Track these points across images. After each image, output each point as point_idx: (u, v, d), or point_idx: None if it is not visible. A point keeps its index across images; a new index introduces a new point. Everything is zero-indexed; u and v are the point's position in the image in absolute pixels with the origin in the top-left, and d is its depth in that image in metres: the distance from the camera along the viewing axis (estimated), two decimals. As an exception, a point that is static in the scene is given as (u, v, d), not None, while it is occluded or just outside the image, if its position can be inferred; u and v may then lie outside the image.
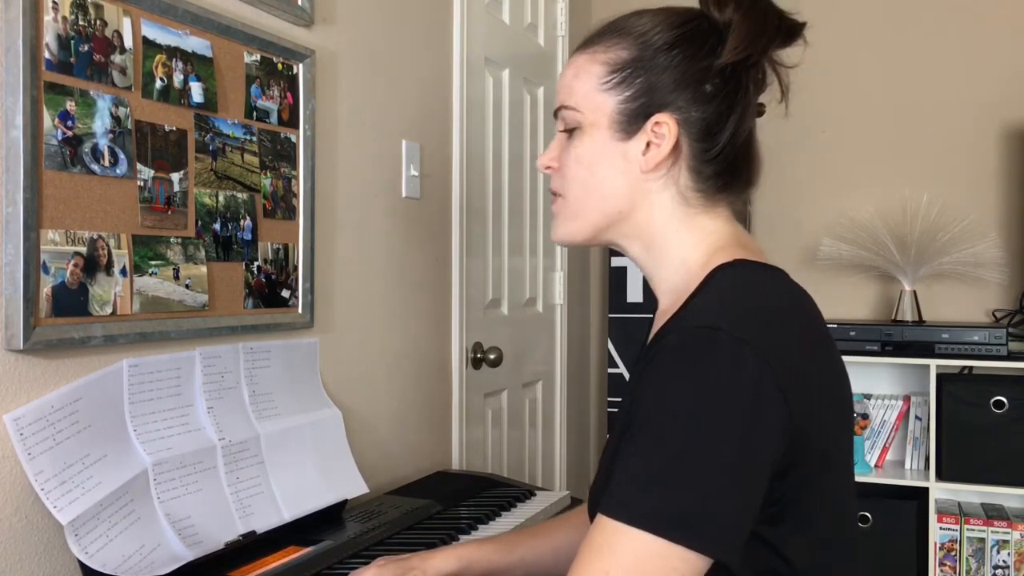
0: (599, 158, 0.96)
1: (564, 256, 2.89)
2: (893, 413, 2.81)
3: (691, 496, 0.76)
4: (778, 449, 0.81)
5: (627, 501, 0.78)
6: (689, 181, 0.95)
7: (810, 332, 0.91)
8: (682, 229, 0.96)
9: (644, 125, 0.94)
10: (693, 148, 0.94)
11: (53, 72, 1.14)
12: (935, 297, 2.88)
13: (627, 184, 0.95)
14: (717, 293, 0.88)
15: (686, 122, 0.93)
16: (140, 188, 1.27)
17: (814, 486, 0.86)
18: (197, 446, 1.31)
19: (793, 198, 3.04)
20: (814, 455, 0.84)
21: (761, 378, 0.79)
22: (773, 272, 0.94)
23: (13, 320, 1.09)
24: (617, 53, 0.95)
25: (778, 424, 0.80)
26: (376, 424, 1.87)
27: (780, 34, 0.93)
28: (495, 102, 2.42)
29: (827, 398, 0.89)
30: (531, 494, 1.80)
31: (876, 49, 2.97)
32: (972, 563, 2.62)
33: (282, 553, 1.32)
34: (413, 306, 2.02)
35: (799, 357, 0.85)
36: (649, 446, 0.79)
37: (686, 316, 0.86)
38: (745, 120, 0.94)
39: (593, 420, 3.35)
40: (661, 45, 0.93)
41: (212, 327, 1.39)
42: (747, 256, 0.94)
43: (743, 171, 0.97)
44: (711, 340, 0.80)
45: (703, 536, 0.76)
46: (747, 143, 0.96)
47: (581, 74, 0.97)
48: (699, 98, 0.93)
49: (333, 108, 1.72)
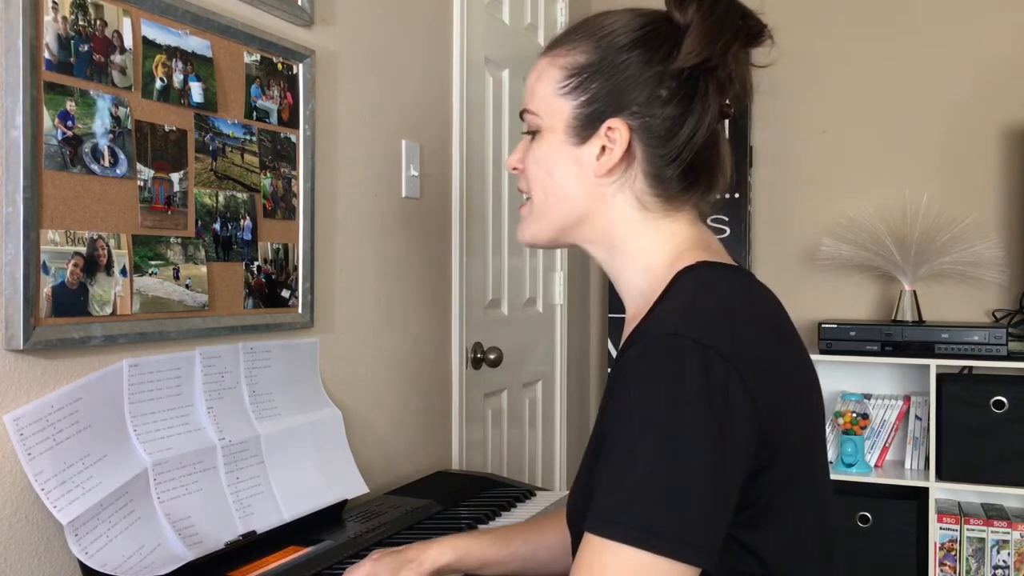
0: (556, 162, 0.96)
1: (564, 256, 2.89)
2: (893, 413, 2.81)
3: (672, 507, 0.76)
4: (750, 451, 0.81)
5: (610, 517, 0.78)
6: (645, 186, 0.95)
7: (775, 332, 0.91)
8: (643, 233, 0.96)
9: (598, 130, 0.94)
10: (648, 153, 0.93)
11: (53, 72, 1.14)
12: (935, 297, 2.88)
13: (583, 188, 0.96)
14: (680, 298, 0.88)
15: (641, 127, 0.93)
16: (140, 188, 1.27)
17: (788, 486, 0.86)
18: (197, 446, 1.31)
19: (793, 198, 3.04)
20: (786, 455, 0.85)
21: (728, 382, 0.79)
22: (735, 273, 0.94)
23: (13, 320, 1.09)
24: (575, 57, 0.95)
25: (748, 426, 0.80)
26: (376, 424, 1.87)
27: (741, 36, 0.92)
28: (495, 102, 2.42)
29: (796, 398, 0.89)
30: (531, 494, 1.80)
31: (876, 49, 2.97)
32: (972, 563, 2.62)
33: (282, 553, 1.32)
34: (413, 306, 2.02)
35: (765, 358, 0.85)
36: (625, 460, 0.79)
37: (650, 324, 0.86)
38: (703, 123, 0.93)
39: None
40: (620, 47, 0.93)
41: (212, 327, 1.39)
42: (710, 258, 0.93)
43: (704, 174, 0.96)
44: (676, 348, 0.80)
45: (690, 546, 0.76)
46: (709, 146, 0.95)
47: (543, 77, 0.98)
48: (654, 101, 0.92)
49: (333, 108, 1.72)
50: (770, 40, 0.94)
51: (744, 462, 0.80)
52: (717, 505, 0.78)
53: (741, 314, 0.88)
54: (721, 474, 0.78)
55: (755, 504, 0.83)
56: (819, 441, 0.93)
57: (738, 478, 0.80)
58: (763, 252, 3.07)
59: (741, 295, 0.91)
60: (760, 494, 0.83)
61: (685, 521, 0.76)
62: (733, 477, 0.80)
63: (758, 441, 0.81)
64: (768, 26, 0.93)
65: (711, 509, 0.78)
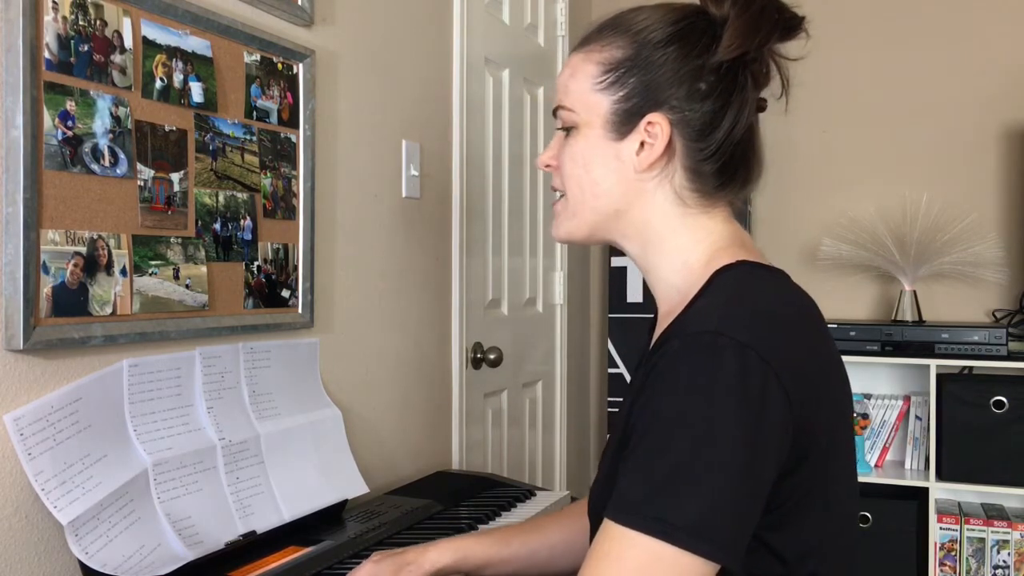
0: (594, 157, 0.95)
1: (564, 256, 2.89)
2: (893, 413, 2.81)
3: (699, 502, 0.76)
4: (783, 453, 0.81)
5: (635, 507, 0.78)
6: (684, 181, 0.94)
7: (813, 335, 0.91)
8: (680, 229, 0.95)
9: (638, 125, 0.93)
10: (688, 147, 0.93)
11: (53, 72, 1.14)
12: (935, 297, 2.88)
13: (622, 184, 0.95)
14: (720, 296, 0.88)
15: (680, 121, 0.92)
16: (140, 188, 1.27)
17: (816, 489, 0.85)
18: (197, 446, 1.31)
19: (793, 198, 3.04)
20: (816, 458, 0.84)
21: (766, 383, 0.79)
22: (775, 274, 0.93)
23: (13, 320, 1.09)
24: (612, 52, 0.95)
25: (783, 428, 0.80)
26: (376, 424, 1.87)
27: (778, 29, 0.92)
28: (495, 102, 2.42)
29: (829, 401, 0.88)
30: (531, 494, 1.80)
31: (876, 49, 2.97)
32: (972, 563, 2.62)
33: (282, 553, 1.32)
34: (413, 306, 2.02)
35: (802, 360, 0.84)
36: (656, 451, 0.79)
37: (689, 320, 0.86)
38: (742, 117, 0.93)
39: (593, 420, 3.35)
40: (656, 42, 0.93)
41: (212, 327, 1.39)
42: (748, 257, 0.93)
43: (741, 169, 0.96)
44: (715, 345, 0.79)
45: (712, 543, 0.76)
46: (746, 140, 0.95)
47: (577, 74, 0.97)
48: (693, 96, 0.92)
49: (333, 108, 1.72)
50: (805, 33, 0.93)
51: (775, 464, 0.80)
52: (745, 504, 0.78)
53: (781, 316, 0.87)
54: (751, 474, 0.78)
55: (782, 505, 0.83)
56: (849, 445, 0.93)
57: (768, 479, 0.80)
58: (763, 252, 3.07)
59: (780, 296, 0.91)
60: (788, 496, 0.83)
61: (710, 517, 0.76)
62: (763, 478, 0.79)
63: (791, 443, 0.81)
64: (804, 18, 0.93)
65: (739, 508, 0.77)
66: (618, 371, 2.97)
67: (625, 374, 2.95)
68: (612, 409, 2.99)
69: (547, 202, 2.78)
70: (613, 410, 2.99)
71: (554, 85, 2.81)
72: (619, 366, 2.96)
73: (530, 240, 2.66)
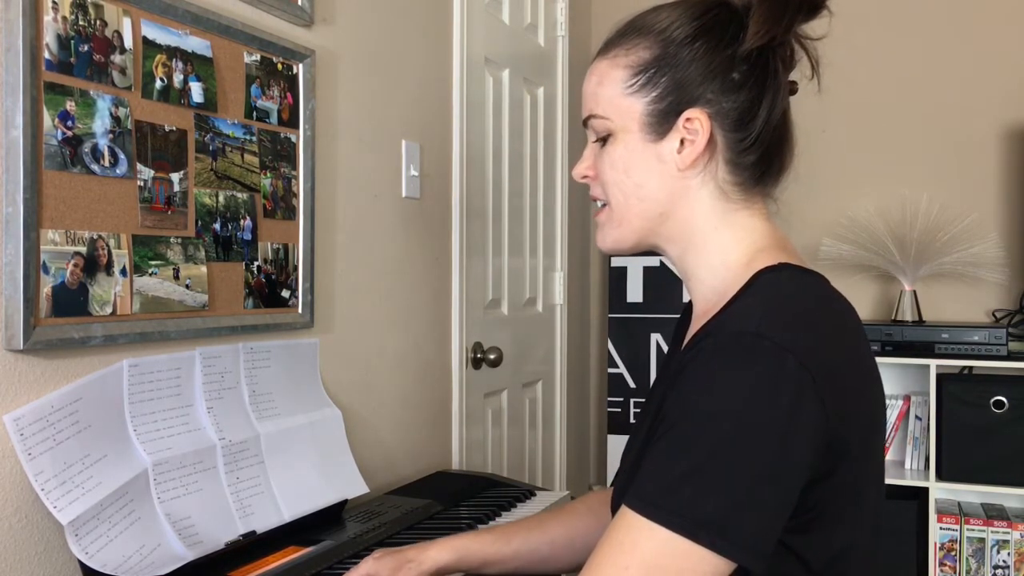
0: (634, 161, 0.94)
1: (564, 256, 2.89)
2: (893, 413, 2.81)
3: (722, 499, 0.76)
4: (814, 458, 0.80)
5: (655, 498, 0.77)
6: (727, 174, 0.93)
7: (852, 342, 0.90)
8: (721, 227, 0.94)
9: (676, 123, 0.92)
10: (728, 139, 0.92)
11: (53, 72, 1.14)
12: (935, 297, 2.88)
13: (665, 184, 0.94)
14: (761, 298, 0.87)
15: (718, 114, 0.91)
16: (140, 188, 1.27)
17: (845, 496, 0.85)
18: (197, 446, 1.31)
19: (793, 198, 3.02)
20: (849, 466, 0.84)
21: (802, 388, 0.78)
22: (815, 278, 0.92)
23: (13, 320, 1.09)
24: (639, 54, 0.94)
25: (816, 434, 0.79)
26: (376, 424, 1.87)
27: (802, 9, 0.91)
28: (495, 102, 2.42)
29: (865, 409, 0.87)
30: (531, 494, 1.80)
31: (876, 48, 2.97)
32: (972, 563, 2.62)
33: (282, 553, 1.32)
34: (413, 306, 2.02)
35: (840, 367, 0.84)
36: (683, 445, 0.78)
37: (728, 319, 0.85)
38: (777, 103, 0.93)
39: (593, 420, 3.35)
40: (683, 39, 0.92)
41: (212, 327, 1.39)
42: (789, 259, 0.92)
43: (777, 158, 0.95)
44: (755, 347, 0.79)
45: (730, 541, 0.75)
46: (781, 125, 0.95)
47: (605, 81, 0.96)
48: (728, 87, 0.91)
49: (333, 108, 1.72)
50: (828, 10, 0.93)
51: (805, 469, 0.79)
52: (769, 507, 0.77)
53: (821, 322, 0.87)
54: (778, 477, 0.77)
55: (811, 510, 0.82)
56: (880, 453, 0.92)
57: (797, 484, 0.79)
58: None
59: (822, 302, 0.90)
60: (816, 501, 0.82)
61: (731, 515, 0.75)
62: (791, 482, 0.79)
63: (824, 449, 0.80)
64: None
65: (761, 509, 0.77)
66: (618, 371, 2.96)
67: (625, 374, 2.95)
68: (612, 409, 2.99)
69: (547, 202, 2.78)
70: (613, 410, 2.99)
71: (554, 85, 2.82)
72: (619, 366, 2.96)
73: (530, 240, 2.66)
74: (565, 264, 2.90)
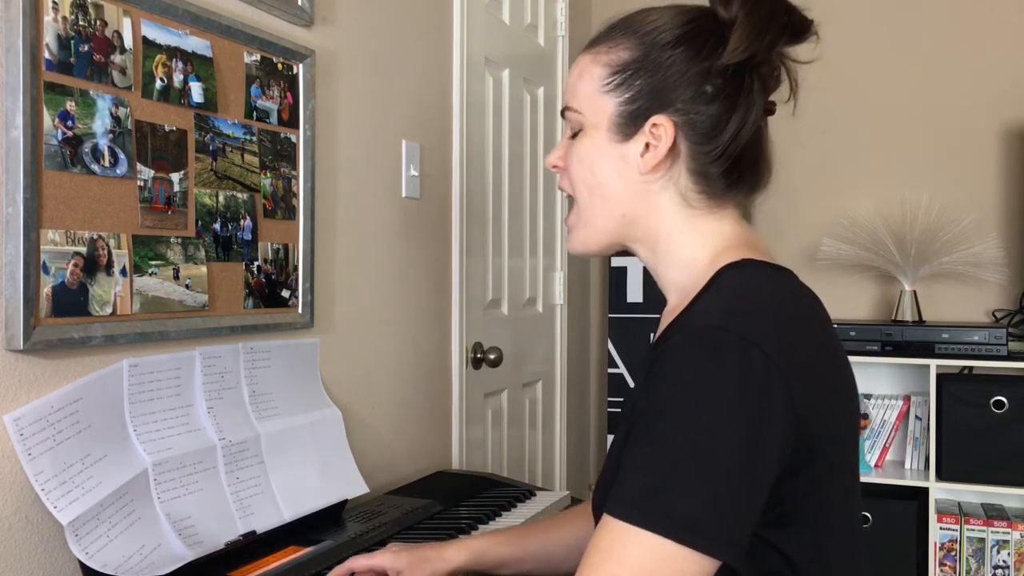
0: (599, 159, 0.96)
1: (564, 256, 2.89)
2: (893, 413, 2.81)
3: (700, 498, 0.76)
4: (785, 451, 0.80)
5: (635, 503, 0.77)
6: (690, 183, 0.94)
7: (817, 333, 0.90)
8: (686, 230, 0.95)
9: (643, 127, 0.93)
10: (693, 150, 0.93)
11: (53, 72, 1.14)
12: (935, 297, 2.88)
13: (627, 186, 0.95)
14: (724, 293, 0.87)
15: (686, 123, 0.92)
16: (140, 188, 1.27)
17: (820, 488, 0.85)
18: (197, 446, 1.31)
19: (793, 198, 3.04)
20: (820, 457, 0.84)
21: (769, 379, 0.78)
22: (781, 272, 0.93)
23: (13, 320, 1.09)
24: (619, 54, 0.94)
25: (785, 426, 0.79)
26: (376, 424, 1.87)
27: (787, 32, 0.91)
28: (495, 102, 2.42)
29: (834, 400, 0.88)
30: (531, 494, 1.80)
31: (876, 49, 2.97)
32: (972, 563, 2.62)
33: (282, 553, 1.32)
34: (413, 306, 2.02)
35: (807, 358, 0.84)
36: (657, 447, 0.78)
37: (692, 316, 0.86)
38: (748, 120, 0.92)
39: (593, 420, 3.35)
40: (664, 44, 0.92)
41: (212, 327, 1.39)
42: (754, 256, 0.93)
43: (748, 172, 0.95)
44: (719, 341, 0.79)
45: (713, 539, 0.76)
46: (753, 143, 0.94)
47: (584, 75, 0.97)
48: (700, 98, 0.91)
49: (333, 108, 1.72)
50: (815, 36, 0.92)
51: (777, 461, 0.80)
52: (745, 501, 0.78)
53: (786, 314, 0.87)
54: (752, 471, 0.78)
55: (785, 503, 0.83)
56: (853, 444, 0.92)
57: (770, 476, 0.80)
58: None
59: (787, 295, 0.90)
60: (791, 493, 0.83)
61: (710, 513, 0.76)
62: (764, 475, 0.79)
63: (794, 441, 0.81)
64: (813, 21, 0.92)
65: (738, 504, 0.77)
66: (618, 371, 2.96)
67: (625, 374, 2.95)
68: (612, 409, 2.99)
69: (547, 202, 2.78)
70: (613, 410, 2.99)
71: (554, 85, 2.82)
72: (619, 366, 2.96)
73: (530, 240, 2.66)
74: (565, 264, 2.90)
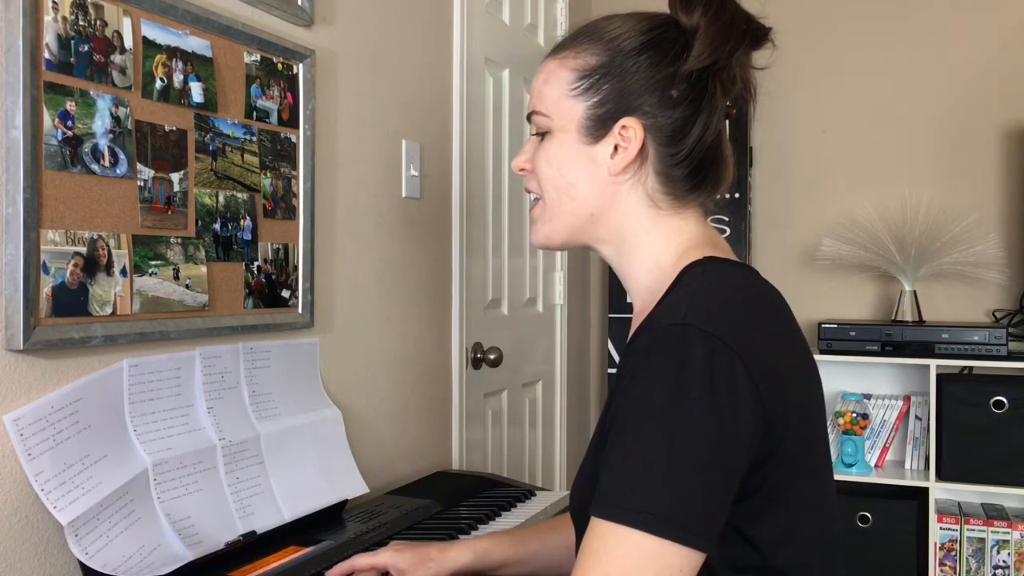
0: (568, 161, 0.98)
1: (564, 256, 2.89)
2: (893, 413, 2.81)
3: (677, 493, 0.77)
4: (754, 441, 0.82)
5: (615, 501, 0.79)
6: (656, 184, 0.97)
7: (781, 327, 0.93)
8: (652, 230, 0.98)
9: (612, 129, 0.96)
10: (659, 152, 0.96)
11: (53, 72, 1.14)
12: (935, 297, 2.88)
13: (596, 186, 0.97)
14: (687, 291, 0.90)
15: (652, 127, 0.95)
16: (140, 188, 1.27)
17: (789, 477, 0.87)
18: (197, 446, 1.31)
19: (793, 198, 3.04)
20: (788, 446, 0.86)
21: (733, 371, 0.80)
22: (742, 269, 0.96)
23: (13, 320, 1.09)
24: (586, 59, 0.97)
25: (752, 416, 0.81)
26: (376, 424, 1.87)
27: (747, 39, 0.95)
28: (495, 102, 2.42)
29: (798, 391, 0.90)
30: (531, 494, 1.80)
31: (876, 49, 2.97)
32: (972, 563, 2.62)
33: (282, 553, 1.32)
34: (413, 306, 2.02)
35: (769, 351, 0.86)
36: (631, 446, 0.80)
37: (658, 315, 0.88)
38: (712, 124, 0.96)
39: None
40: (630, 50, 0.95)
41: (212, 327, 1.39)
42: (716, 254, 0.95)
43: (711, 173, 0.99)
44: (683, 337, 0.81)
45: (695, 532, 0.77)
46: (715, 146, 0.98)
47: (551, 80, 0.99)
48: (665, 103, 0.95)
49: (333, 108, 1.72)
50: (771, 43, 0.97)
51: (747, 451, 0.81)
52: (717, 492, 0.80)
53: (747, 307, 0.89)
54: (723, 461, 0.79)
55: (756, 493, 0.84)
56: (821, 436, 0.94)
57: (740, 466, 0.81)
58: (763, 252, 3.07)
59: (747, 289, 0.92)
60: (761, 484, 0.84)
61: (687, 507, 0.77)
62: (735, 465, 0.81)
63: (762, 432, 0.82)
64: (771, 29, 0.96)
65: (711, 496, 0.79)
66: (618, 371, 2.96)
67: (625, 374, 2.95)
68: (612, 409, 2.99)
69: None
70: (613, 410, 2.99)
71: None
72: (619, 366, 2.96)
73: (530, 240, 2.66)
74: (565, 264, 2.90)
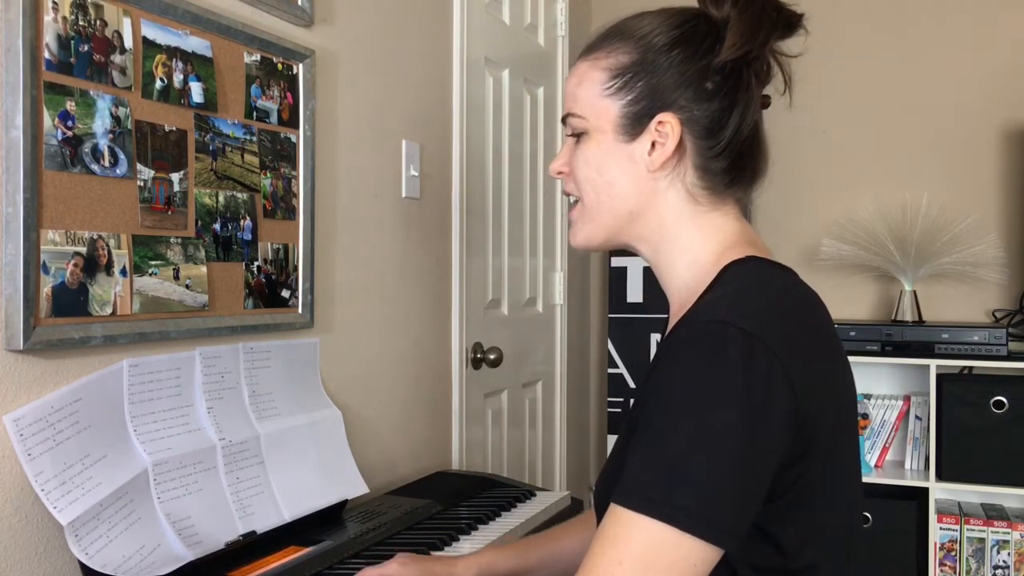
0: (606, 160, 0.97)
1: (564, 256, 2.89)
2: (893, 413, 2.81)
3: (704, 488, 0.78)
4: (786, 442, 0.82)
5: (641, 491, 0.79)
6: (695, 179, 0.96)
7: (818, 330, 0.92)
8: (691, 227, 0.97)
9: (648, 126, 0.95)
10: (697, 146, 0.95)
11: (53, 72, 1.14)
12: (935, 297, 2.88)
13: (635, 184, 0.97)
14: (728, 289, 0.90)
15: (689, 121, 0.94)
16: (140, 188, 1.27)
17: (818, 481, 0.86)
18: (197, 446, 1.31)
19: (793, 198, 3.04)
20: (820, 450, 0.85)
21: (770, 372, 0.80)
22: (783, 270, 0.95)
23: (13, 320, 1.09)
24: (618, 58, 0.97)
25: (786, 417, 0.81)
26: (376, 424, 1.87)
27: (779, 27, 0.95)
28: (495, 102, 2.42)
29: (833, 396, 0.90)
30: (531, 494, 1.80)
31: (876, 48, 2.97)
32: (972, 563, 2.62)
33: (282, 553, 1.32)
34: (413, 306, 2.02)
35: (807, 354, 0.86)
36: (662, 438, 0.80)
37: (698, 312, 0.88)
38: (748, 114, 0.95)
39: (593, 420, 3.35)
40: (661, 46, 0.95)
41: (212, 327, 1.39)
42: (757, 254, 0.95)
43: (749, 165, 0.98)
44: (722, 334, 0.81)
45: (716, 528, 0.77)
46: (753, 136, 0.97)
47: (584, 81, 0.99)
48: (700, 96, 0.94)
49: (333, 108, 1.72)
50: (804, 29, 0.96)
51: (778, 453, 0.81)
52: (746, 491, 0.80)
53: (788, 310, 0.90)
54: (753, 461, 0.79)
55: (784, 495, 0.84)
56: (852, 441, 0.94)
57: (771, 467, 0.81)
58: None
59: (788, 291, 0.93)
60: (790, 486, 0.84)
61: (710, 503, 0.77)
62: (765, 466, 0.81)
63: (794, 433, 0.82)
64: (803, 15, 0.96)
65: (739, 494, 0.79)
66: (618, 371, 2.96)
67: (625, 374, 2.95)
68: (612, 409, 2.99)
69: (547, 202, 2.78)
70: (613, 410, 2.99)
71: (554, 85, 2.82)
72: (619, 366, 2.96)
73: (530, 240, 2.66)
74: (565, 264, 2.90)
